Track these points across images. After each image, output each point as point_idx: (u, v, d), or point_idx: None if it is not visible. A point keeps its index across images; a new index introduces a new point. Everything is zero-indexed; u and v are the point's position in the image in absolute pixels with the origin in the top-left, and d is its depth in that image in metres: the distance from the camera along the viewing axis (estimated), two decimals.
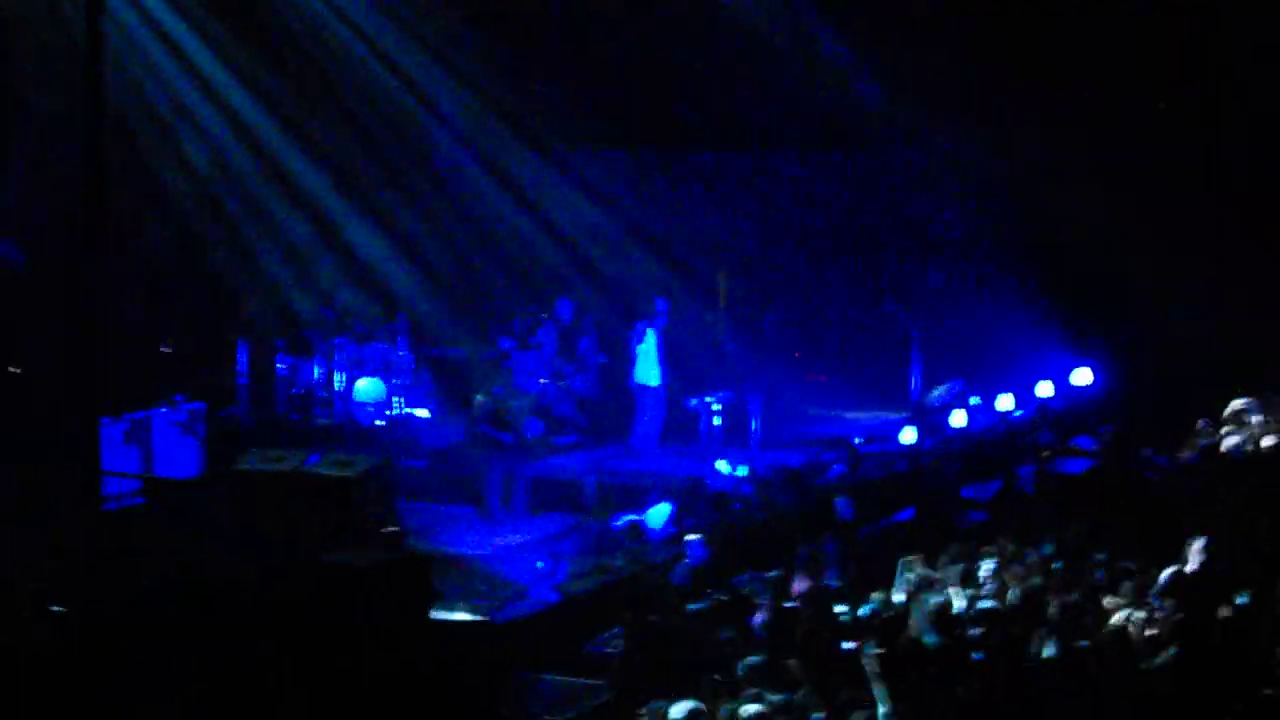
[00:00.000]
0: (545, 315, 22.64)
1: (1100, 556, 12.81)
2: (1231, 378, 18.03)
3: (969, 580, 12.65)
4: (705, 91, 24.27)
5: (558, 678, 12.77)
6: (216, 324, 22.46)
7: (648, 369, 20.44)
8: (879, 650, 10.29)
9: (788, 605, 12.63)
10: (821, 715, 10.02)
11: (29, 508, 15.23)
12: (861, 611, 11.81)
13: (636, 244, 25.44)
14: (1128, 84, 22.45)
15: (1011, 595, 12.12)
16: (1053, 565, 12.84)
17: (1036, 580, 12.33)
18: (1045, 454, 17.84)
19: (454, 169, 24.88)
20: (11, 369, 18.40)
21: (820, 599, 12.59)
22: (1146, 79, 22.26)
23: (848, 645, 10.81)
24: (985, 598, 11.99)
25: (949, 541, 13.78)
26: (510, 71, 23.81)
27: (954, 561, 13.07)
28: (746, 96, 24.27)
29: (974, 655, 10.92)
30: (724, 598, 13.64)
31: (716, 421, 19.78)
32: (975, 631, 11.27)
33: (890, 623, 11.30)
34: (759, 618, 12.52)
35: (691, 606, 13.40)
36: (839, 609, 12.11)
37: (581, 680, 12.74)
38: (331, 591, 12.80)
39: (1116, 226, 21.71)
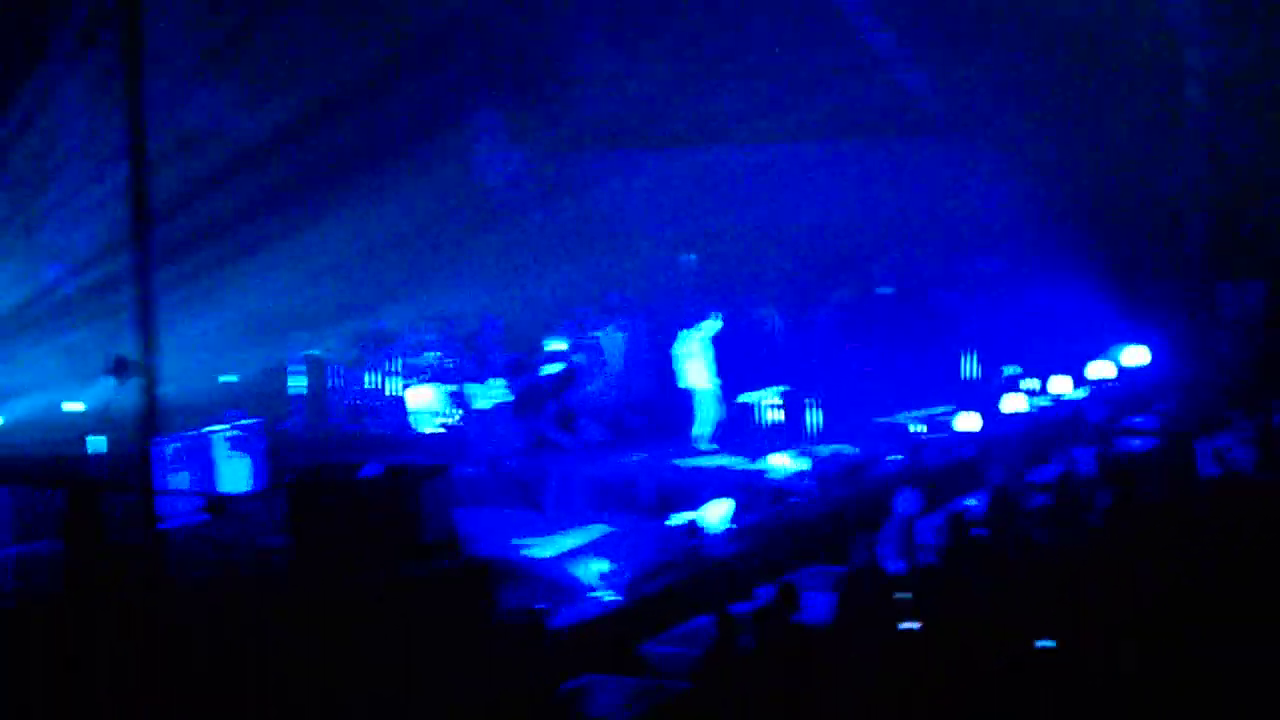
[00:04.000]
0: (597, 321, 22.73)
1: None
2: None
3: None
4: (748, 86, 24.23)
5: (617, 678, 12.68)
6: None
7: (697, 372, 20.05)
8: None
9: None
10: None
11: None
12: None
13: (686, 243, 25.38)
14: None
15: None
16: None
17: None
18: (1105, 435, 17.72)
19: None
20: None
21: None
22: None
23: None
24: None
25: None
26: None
27: None
28: (791, 90, 24.19)
29: None
30: None
31: (773, 417, 19.61)
32: None
33: None
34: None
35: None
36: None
37: (641, 680, 12.66)
38: (391, 601, 12.83)
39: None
